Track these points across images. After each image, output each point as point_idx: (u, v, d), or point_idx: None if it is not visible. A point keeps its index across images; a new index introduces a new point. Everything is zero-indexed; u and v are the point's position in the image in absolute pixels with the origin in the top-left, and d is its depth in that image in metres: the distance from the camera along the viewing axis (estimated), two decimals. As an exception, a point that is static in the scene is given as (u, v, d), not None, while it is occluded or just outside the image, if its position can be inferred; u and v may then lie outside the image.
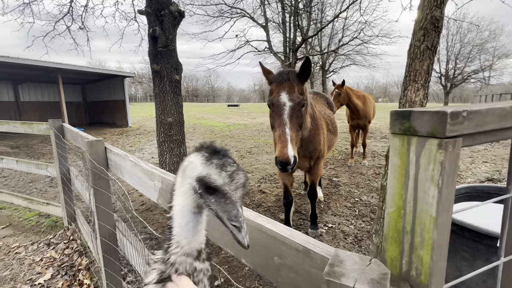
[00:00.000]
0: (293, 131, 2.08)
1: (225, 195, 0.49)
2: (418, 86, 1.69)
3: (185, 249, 0.54)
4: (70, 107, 15.92)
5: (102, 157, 1.80)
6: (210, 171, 0.49)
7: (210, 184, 0.49)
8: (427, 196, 0.48)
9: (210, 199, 0.50)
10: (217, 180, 0.48)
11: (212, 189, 0.49)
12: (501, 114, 0.51)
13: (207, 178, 0.49)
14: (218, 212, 0.49)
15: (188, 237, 0.54)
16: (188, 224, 0.54)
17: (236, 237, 0.48)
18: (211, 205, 0.49)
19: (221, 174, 0.49)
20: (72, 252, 2.95)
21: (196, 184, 0.50)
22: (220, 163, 0.50)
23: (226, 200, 0.49)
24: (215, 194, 0.49)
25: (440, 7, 1.61)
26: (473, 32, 29.68)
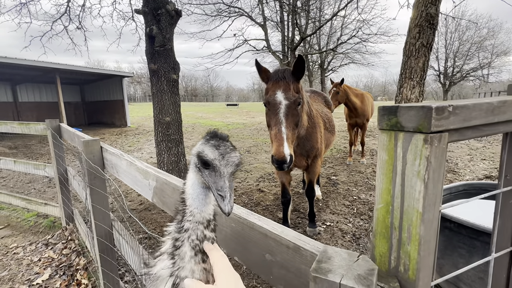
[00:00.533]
0: (289, 129, 2.08)
1: (215, 169, 0.57)
2: (414, 83, 1.69)
3: (197, 217, 0.61)
4: (69, 107, 15.88)
5: (98, 157, 1.80)
6: (205, 149, 0.58)
7: (204, 158, 0.57)
8: (413, 192, 0.48)
9: (205, 171, 0.58)
10: (209, 155, 0.57)
11: (206, 163, 0.57)
12: (489, 109, 0.51)
13: (202, 154, 0.58)
14: (209, 182, 0.57)
15: (199, 207, 0.61)
16: (199, 196, 0.61)
17: (219, 204, 0.54)
18: (205, 176, 0.58)
19: (214, 151, 0.57)
20: (70, 252, 2.95)
21: (196, 159, 0.60)
22: (216, 144, 0.59)
23: (216, 173, 0.57)
24: (209, 168, 0.58)
25: (435, 4, 1.61)
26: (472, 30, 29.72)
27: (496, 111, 0.52)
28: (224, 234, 0.87)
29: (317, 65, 26.44)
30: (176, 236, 0.62)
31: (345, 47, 21.43)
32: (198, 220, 0.61)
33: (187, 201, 0.63)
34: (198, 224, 0.61)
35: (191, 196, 0.62)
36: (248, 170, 5.99)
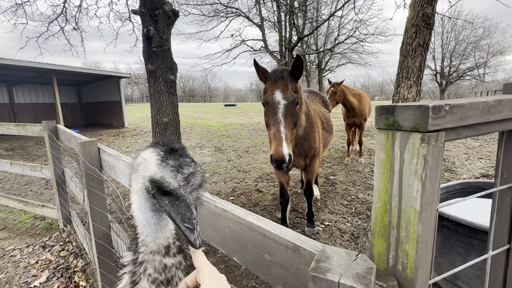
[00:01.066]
0: (288, 129, 2.08)
1: (179, 198, 0.48)
2: (411, 83, 1.70)
3: (151, 246, 0.52)
4: (66, 108, 15.79)
5: (96, 158, 1.79)
6: (165, 174, 0.47)
7: (164, 186, 0.47)
8: (411, 191, 0.48)
9: (164, 200, 0.48)
10: (172, 184, 0.47)
11: (166, 191, 0.48)
12: (485, 108, 0.52)
13: (161, 181, 0.47)
14: (171, 213, 0.48)
15: (151, 234, 0.52)
16: (149, 221, 0.52)
17: (189, 238, 0.47)
18: (164, 206, 0.48)
19: (176, 177, 0.47)
20: (68, 254, 2.93)
21: (149, 185, 0.48)
22: (176, 164, 0.48)
23: (180, 203, 0.48)
24: (169, 196, 0.48)
25: (431, 4, 1.62)
26: (468, 30, 29.92)
27: (492, 110, 0.53)
28: (223, 234, 0.87)
29: (314, 65, 26.49)
30: (133, 270, 0.53)
31: (343, 47, 21.52)
32: (153, 250, 0.52)
33: (137, 228, 0.53)
34: (153, 255, 0.52)
35: (141, 222, 0.52)
36: (247, 171, 5.99)
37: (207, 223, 0.93)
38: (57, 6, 6.98)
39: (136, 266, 0.53)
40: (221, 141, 9.76)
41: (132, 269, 0.53)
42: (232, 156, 7.44)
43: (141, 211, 0.53)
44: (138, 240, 0.53)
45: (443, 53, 31.73)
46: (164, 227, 0.54)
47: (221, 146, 8.88)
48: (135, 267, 0.53)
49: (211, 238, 0.93)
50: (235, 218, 0.81)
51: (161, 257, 0.53)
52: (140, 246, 0.53)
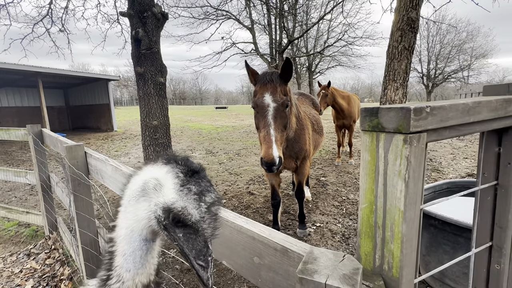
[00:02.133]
0: (278, 131, 2.09)
1: (197, 231, 0.41)
2: (397, 85, 1.74)
3: (128, 285, 0.43)
4: (52, 112, 15.40)
5: (82, 162, 1.75)
6: (187, 204, 0.39)
7: (185, 220, 0.40)
8: (395, 191, 0.49)
9: (177, 233, 0.41)
10: (194, 216, 0.40)
11: (183, 223, 0.40)
12: (464, 109, 0.53)
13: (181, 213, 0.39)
14: (184, 248, 0.41)
15: (132, 270, 0.43)
16: (135, 253, 0.43)
17: (201, 277, 0.41)
18: (177, 240, 0.41)
19: (199, 207, 0.40)
20: (54, 262, 2.85)
21: (162, 214, 0.40)
22: (198, 191, 0.41)
23: (197, 237, 0.41)
24: (185, 228, 0.41)
25: (416, 9, 1.67)
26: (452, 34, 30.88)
27: (471, 112, 0.54)
28: (212, 238, 0.86)
29: (305, 67, 26.76)
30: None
31: (332, 50, 21.83)
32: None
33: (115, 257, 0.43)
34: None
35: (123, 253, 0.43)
36: (238, 173, 5.98)
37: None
38: (43, 7, 6.83)
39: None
40: (212, 144, 9.71)
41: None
42: (224, 158, 7.41)
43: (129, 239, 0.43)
44: (113, 273, 0.43)
45: (429, 56, 32.63)
46: (149, 261, 0.45)
47: (212, 149, 8.83)
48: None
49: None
50: (224, 221, 0.80)
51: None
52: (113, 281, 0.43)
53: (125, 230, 0.43)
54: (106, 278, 0.44)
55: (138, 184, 0.44)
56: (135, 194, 0.44)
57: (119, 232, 0.44)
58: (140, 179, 0.44)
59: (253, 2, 14.59)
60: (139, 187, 0.43)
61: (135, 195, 0.44)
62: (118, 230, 0.44)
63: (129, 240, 0.43)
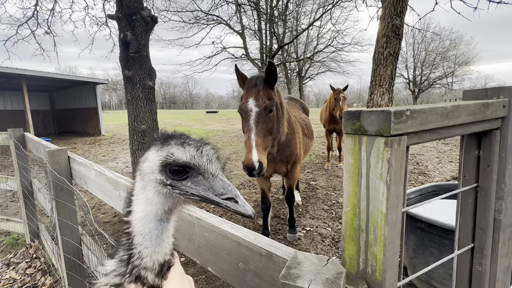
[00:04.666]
0: (259, 136, 2.07)
1: (200, 171, 0.42)
2: (383, 90, 1.78)
3: (146, 261, 0.45)
4: (36, 115, 14.97)
5: (65, 167, 1.70)
6: (171, 150, 0.42)
7: (177, 163, 0.41)
8: (377, 194, 0.49)
9: (185, 184, 0.42)
10: (183, 156, 0.41)
11: (182, 172, 0.42)
12: (444, 113, 0.54)
13: (170, 158, 0.41)
14: (200, 193, 0.41)
15: (150, 248, 0.46)
16: (151, 233, 0.46)
17: (237, 210, 0.40)
18: (189, 190, 0.42)
19: (185, 149, 0.42)
20: (35, 271, 2.73)
21: (162, 176, 0.43)
22: (179, 142, 0.43)
23: (204, 176, 0.42)
24: (189, 176, 0.42)
25: (400, 16, 1.71)
26: (436, 41, 32.01)
27: (450, 115, 0.55)
28: (197, 244, 0.85)
29: (295, 73, 27.07)
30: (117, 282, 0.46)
31: (322, 55, 22.20)
32: (147, 266, 0.45)
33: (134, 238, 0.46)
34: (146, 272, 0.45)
35: (141, 233, 0.46)
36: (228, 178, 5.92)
37: (181, 233, 0.90)
38: (28, 9, 6.67)
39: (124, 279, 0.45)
40: (202, 148, 9.62)
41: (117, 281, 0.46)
42: (214, 163, 7.35)
43: (144, 221, 0.46)
44: (134, 251, 0.45)
45: (415, 62, 33.66)
46: (165, 240, 0.47)
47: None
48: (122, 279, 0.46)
49: (185, 248, 0.90)
50: (209, 226, 0.79)
51: (154, 276, 0.46)
52: (135, 258, 0.45)
53: (140, 214, 0.46)
54: (128, 257, 0.46)
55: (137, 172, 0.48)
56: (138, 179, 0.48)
57: (135, 216, 0.46)
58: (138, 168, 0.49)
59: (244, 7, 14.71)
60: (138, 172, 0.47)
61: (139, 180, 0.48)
62: (134, 214, 0.47)
63: (144, 222, 0.46)
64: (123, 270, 0.46)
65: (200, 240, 0.83)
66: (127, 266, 0.46)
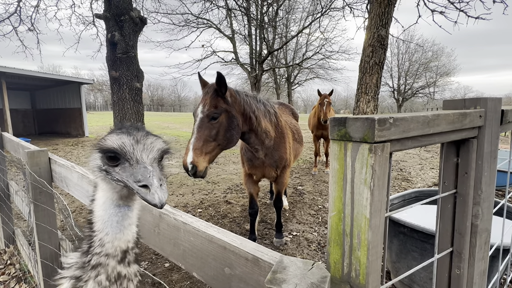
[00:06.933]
0: (199, 140, 2.19)
1: (128, 158, 0.44)
2: (369, 98, 1.83)
3: (107, 248, 0.46)
4: (16, 115, 14.38)
5: (46, 169, 1.64)
6: (108, 138, 0.45)
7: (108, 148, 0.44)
8: (361, 199, 0.50)
9: (115, 170, 0.44)
10: (113, 143, 0.44)
11: (114, 157, 0.44)
12: (425, 121, 0.57)
13: (105, 144, 0.44)
14: (123, 178, 0.43)
15: (111, 233, 0.46)
16: (111, 218, 0.47)
17: (145, 197, 0.40)
18: (116, 175, 0.44)
19: (120, 138, 0.44)
20: (9, 278, 2.59)
21: (100, 162, 0.46)
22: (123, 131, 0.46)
23: (131, 163, 0.44)
24: (119, 162, 0.44)
25: (385, 27, 1.78)
26: (419, 52, 33.34)
27: (431, 123, 0.58)
28: (183, 249, 0.83)
29: (284, 78, 27.39)
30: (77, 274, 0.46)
31: (310, 62, 22.60)
32: (109, 253, 0.45)
33: (95, 224, 0.47)
34: (107, 259, 0.45)
35: (101, 219, 0.47)
36: (216, 182, 5.89)
37: (167, 238, 0.89)
38: (10, 4, 6.45)
39: (85, 270, 0.46)
40: (190, 152, 9.51)
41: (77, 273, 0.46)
42: (201, 167, 7.28)
43: (104, 207, 0.47)
44: (94, 239, 0.46)
45: (399, 72, 34.87)
46: (127, 227, 0.48)
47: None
48: (83, 271, 0.46)
49: (170, 253, 0.88)
50: (195, 231, 0.78)
51: (116, 263, 0.46)
52: (96, 246, 0.46)
53: (99, 200, 0.48)
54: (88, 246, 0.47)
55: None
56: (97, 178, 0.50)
57: (96, 203, 0.49)
58: None
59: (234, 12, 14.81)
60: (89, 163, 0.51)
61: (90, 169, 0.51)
62: (95, 202, 0.49)
63: (103, 207, 0.48)
64: (83, 260, 0.47)
65: (186, 245, 0.82)
66: (87, 256, 0.47)
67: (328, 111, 5.57)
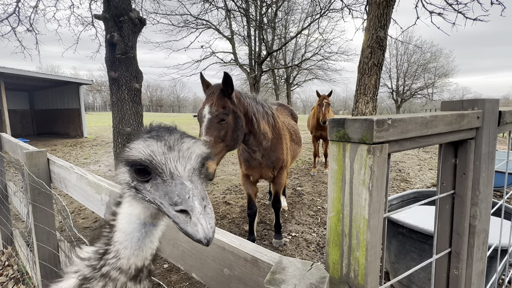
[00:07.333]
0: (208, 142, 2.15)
1: (159, 173, 0.36)
2: (368, 99, 1.83)
3: (122, 263, 0.42)
4: (14, 115, 14.32)
5: (44, 170, 1.63)
6: (134, 146, 0.37)
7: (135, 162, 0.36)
8: (360, 199, 0.50)
9: (146, 187, 0.37)
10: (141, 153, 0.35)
11: (143, 170, 0.37)
12: (423, 122, 0.57)
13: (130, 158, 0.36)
14: (156, 200, 0.36)
15: (129, 249, 0.42)
16: (133, 233, 0.42)
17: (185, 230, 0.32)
18: (148, 195, 0.37)
19: (149, 145, 0.36)
20: (7, 280, 2.58)
21: (128, 176, 0.39)
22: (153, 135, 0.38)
23: (164, 179, 0.36)
24: (150, 177, 0.37)
25: (384, 28, 1.79)
26: (418, 53, 33.45)
27: (429, 125, 0.58)
28: (182, 250, 0.83)
29: (283, 79, 27.42)
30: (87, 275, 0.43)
31: (309, 63, 22.63)
32: (122, 268, 0.42)
33: (116, 233, 0.43)
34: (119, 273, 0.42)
35: (123, 230, 0.43)
36: (215, 182, 5.88)
37: (166, 238, 0.89)
38: (9, 5, 6.44)
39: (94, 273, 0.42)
40: (189, 153, 9.50)
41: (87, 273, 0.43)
42: (200, 167, 7.26)
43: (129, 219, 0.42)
44: (111, 248, 0.42)
45: (398, 73, 34.98)
46: (147, 245, 0.44)
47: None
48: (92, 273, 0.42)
49: (169, 254, 0.88)
50: (195, 232, 0.78)
51: (127, 280, 0.42)
52: (111, 255, 0.42)
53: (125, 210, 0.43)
54: (103, 252, 0.43)
55: None
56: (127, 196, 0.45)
57: (122, 210, 0.43)
58: None
59: (233, 13, 14.82)
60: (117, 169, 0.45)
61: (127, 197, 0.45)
62: (122, 208, 0.43)
63: (129, 220, 0.42)
64: (95, 263, 0.43)
65: (185, 246, 0.82)
66: (100, 261, 0.43)
67: (327, 112, 5.58)
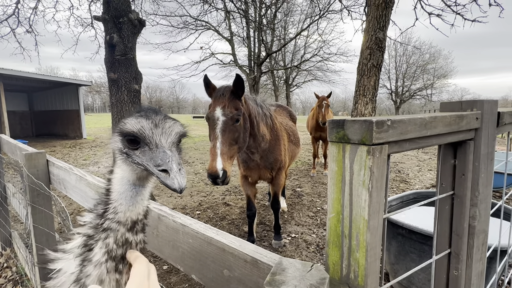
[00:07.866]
0: (225, 145, 2.10)
1: (147, 142, 0.46)
2: (367, 100, 1.84)
3: (119, 217, 0.51)
4: (13, 117, 14.30)
5: (43, 171, 1.63)
6: (127, 121, 0.47)
7: (128, 131, 0.46)
8: (360, 200, 0.50)
9: (135, 153, 0.47)
10: (133, 127, 0.46)
11: (134, 140, 0.47)
12: (422, 123, 0.57)
13: (125, 127, 0.46)
14: (143, 163, 0.46)
15: (124, 205, 0.52)
16: (126, 192, 0.52)
17: (164, 182, 0.43)
18: (136, 159, 0.47)
19: (140, 121, 0.47)
20: (6, 281, 2.57)
21: (121, 144, 0.49)
22: (142, 114, 0.48)
23: (150, 147, 0.46)
24: (139, 146, 0.47)
25: (383, 30, 1.79)
26: (417, 55, 33.53)
27: (428, 126, 0.58)
28: (181, 251, 0.83)
29: (282, 80, 27.45)
30: (90, 233, 0.51)
31: (308, 64, 22.66)
32: (120, 221, 0.51)
33: (112, 194, 0.52)
34: (119, 225, 0.51)
35: (117, 191, 0.52)
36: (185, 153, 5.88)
37: (165, 240, 0.89)
38: (8, 6, 6.44)
39: (97, 230, 0.51)
40: (188, 154, 9.50)
41: (90, 232, 0.51)
42: (200, 169, 7.27)
43: (121, 183, 0.52)
44: (109, 206, 0.52)
45: (397, 74, 35.05)
46: (138, 202, 0.53)
47: (188, 158, 8.65)
48: (95, 231, 0.51)
49: (169, 255, 0.88)
50: (194, 233, 0.78)
51: (125, 230, 0.52)
52: (109, 212, 0.51)
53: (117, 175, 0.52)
54: (103, 211, 0.52)
55: None
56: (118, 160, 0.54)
57: (115, 176, 0.53)
58: None
59: (233, 14, 14.86)
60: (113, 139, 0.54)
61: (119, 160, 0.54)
62: (115, 175, 0.53)
63: (120, 183, 0.52)
64: (97, 222, 0.52)
65: (184, 247, 0.82)
66: (100, 219, 0.52)
67: (326, 113, 5.59)
